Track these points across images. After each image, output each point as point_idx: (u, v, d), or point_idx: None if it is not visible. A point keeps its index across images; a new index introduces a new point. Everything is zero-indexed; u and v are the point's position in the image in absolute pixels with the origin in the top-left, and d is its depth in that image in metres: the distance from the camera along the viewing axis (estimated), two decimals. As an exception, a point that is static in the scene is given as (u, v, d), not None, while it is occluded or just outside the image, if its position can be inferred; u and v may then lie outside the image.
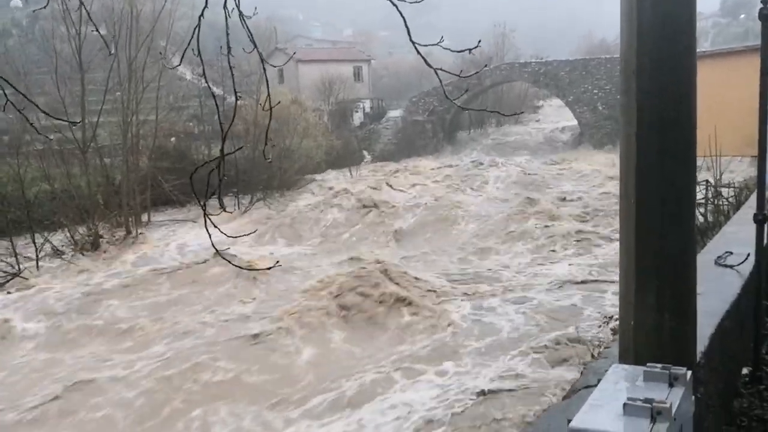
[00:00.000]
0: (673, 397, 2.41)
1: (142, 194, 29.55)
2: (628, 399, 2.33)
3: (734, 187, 15.59)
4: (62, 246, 24.51)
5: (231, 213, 26.66)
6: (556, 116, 57.68)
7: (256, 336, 14.80)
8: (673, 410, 2.31)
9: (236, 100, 3.27)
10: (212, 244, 3.49)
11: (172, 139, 36.33)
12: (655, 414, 2.26)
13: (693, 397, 2.59)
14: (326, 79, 53.66)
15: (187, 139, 37.41)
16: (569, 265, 19.90)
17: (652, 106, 3.20)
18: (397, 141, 51.35)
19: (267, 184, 34.32)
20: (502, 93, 56.43)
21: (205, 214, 3.37)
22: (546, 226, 24.03)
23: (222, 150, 3.26)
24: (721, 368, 4.39)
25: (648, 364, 2.62)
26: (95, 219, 25.47)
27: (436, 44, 3.28)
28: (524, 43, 74.51)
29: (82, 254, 24.07)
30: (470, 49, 3.49)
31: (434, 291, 17.44)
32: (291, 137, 36.44)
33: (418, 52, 3.26)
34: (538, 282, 18.18)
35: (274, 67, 3.89)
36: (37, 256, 22.93)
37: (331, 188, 34.13)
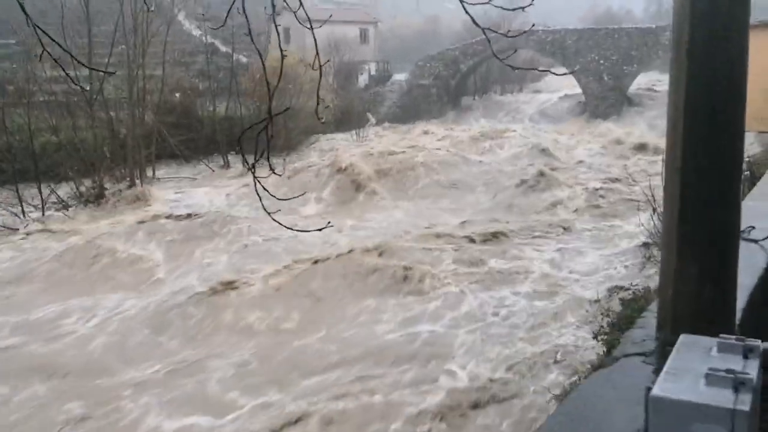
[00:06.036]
0: (751, 369, 2.39)
1: (148, 148, 29.54)
2: (710, 369, 2.32)
3: (747, 161, 15.62)
4: (67, 198, 24.59)
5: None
6: (559, 85, 57.03)
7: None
8: (754, 381, 2.31)
9: (282, 57, 3.35)
10: (263, 206, 3.55)
11: (177, 94, 36.17)
12: (738, 385, 2.25)
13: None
14: (332, 40, 53.08)
15: (193, 95, 37.25)
16: None
17: (702, 77, 3.19)
18: (402, 104, 51.04)
19: (273, 145, 34.07)
20: (507, 60, 55.79)
21: (254, 177, 3.45)
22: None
23: (270, 110, 3.29)
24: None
25: (721, 336, 2.60)
26: (101, 172, 25.49)
27: (487, 2, 3.36)
28: (532, 10, 73.53)
29: (86, 206, 24.13)
30: (517, 8, 3.70)
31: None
32: (297, 96, 36.16)
33: (467, 12, 3.35)
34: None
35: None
36: (43, 206, 23.08)
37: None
